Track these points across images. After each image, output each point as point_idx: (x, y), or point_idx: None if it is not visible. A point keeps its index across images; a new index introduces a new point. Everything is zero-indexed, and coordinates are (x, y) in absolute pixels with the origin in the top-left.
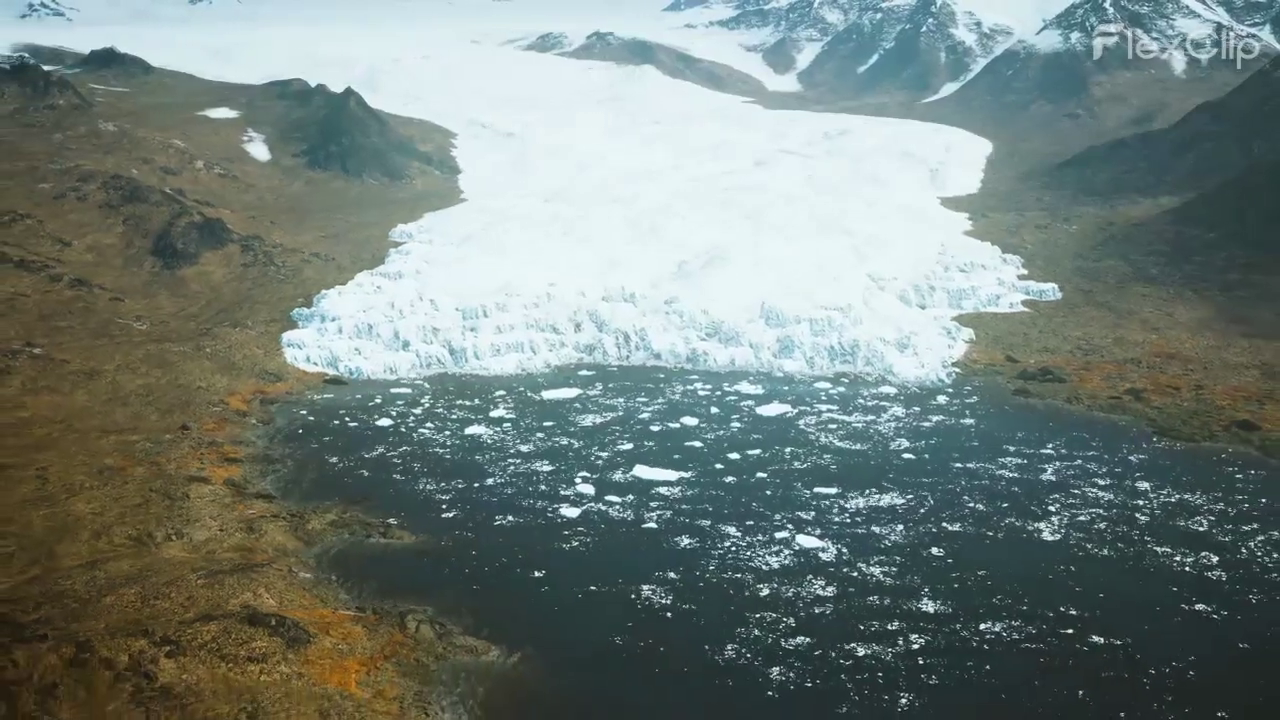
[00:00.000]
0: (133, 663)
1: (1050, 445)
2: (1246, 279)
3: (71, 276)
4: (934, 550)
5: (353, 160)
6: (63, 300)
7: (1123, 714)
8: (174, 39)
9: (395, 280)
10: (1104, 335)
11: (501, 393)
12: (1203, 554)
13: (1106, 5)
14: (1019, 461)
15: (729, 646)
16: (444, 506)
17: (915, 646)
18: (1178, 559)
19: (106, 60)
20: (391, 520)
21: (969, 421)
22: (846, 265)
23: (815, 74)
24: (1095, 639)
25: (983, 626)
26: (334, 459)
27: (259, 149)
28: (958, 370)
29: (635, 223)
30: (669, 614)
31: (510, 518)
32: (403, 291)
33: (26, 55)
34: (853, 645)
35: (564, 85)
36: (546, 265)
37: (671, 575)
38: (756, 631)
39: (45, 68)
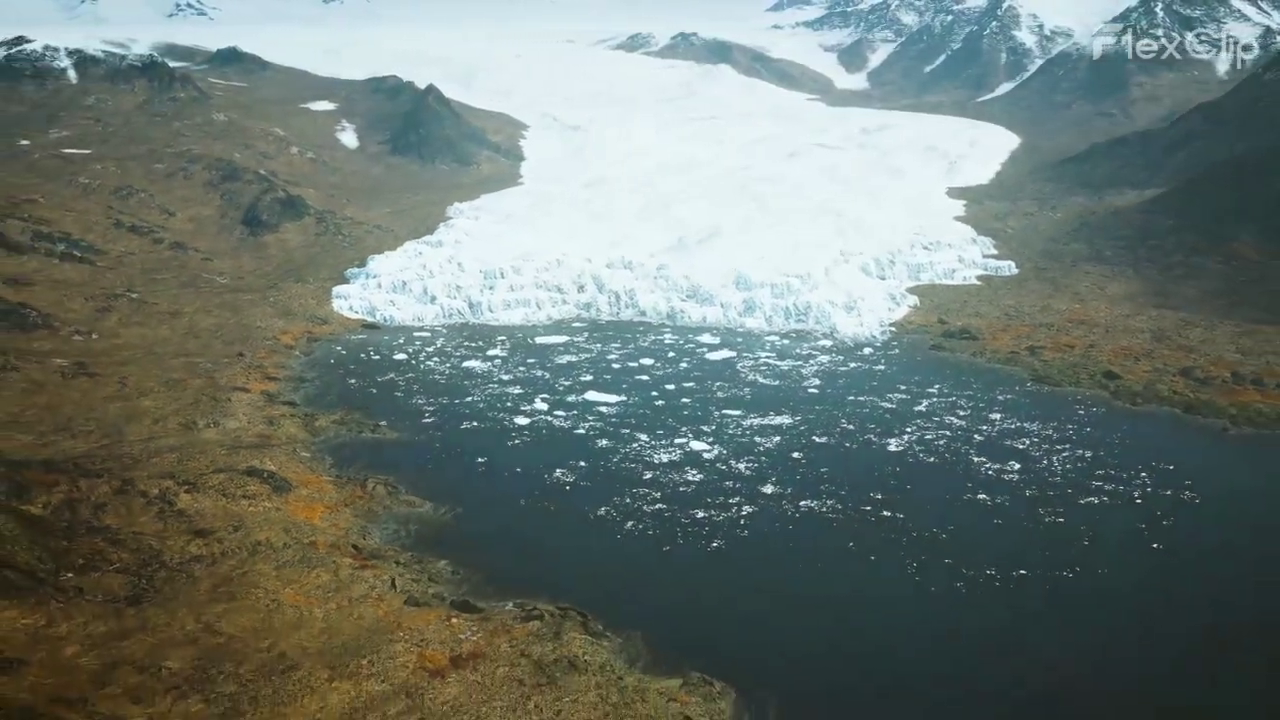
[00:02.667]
0: (160, 494)
1: (936, 386)
2: (1186, 261)
3: (172, 240)
4: (795, 454)
5: (427, 148)
6: (162, 259)
7: (873, 557)
8: (297, 37)
9: (436, 247)
10: (1033, 304)
11: (503, 338)
12: (1010, 463)
13: (1157, 9)
14: (903, 397)
15: (603, 508)
16: (427, 415)
17: (743, 513)
18: (987, 466)
19: (229, 58)
20: (383, 422)
21: (880, 368)
22: (823, 242)
23: (884, 73)
24: (885, 513)
25: (802, 503)
26: (352, 381)
27: (349, 137)
28: (893, 329)
29: (651, 205)
30: (568, 487)
31: (475, 423)
32: (438, 256)
33: (156, 54)
34: (695, 510)
35: (640, 83)
36: (565, 238)
37: (582, 464)
38: (628, 500)
39: (176, 64)
